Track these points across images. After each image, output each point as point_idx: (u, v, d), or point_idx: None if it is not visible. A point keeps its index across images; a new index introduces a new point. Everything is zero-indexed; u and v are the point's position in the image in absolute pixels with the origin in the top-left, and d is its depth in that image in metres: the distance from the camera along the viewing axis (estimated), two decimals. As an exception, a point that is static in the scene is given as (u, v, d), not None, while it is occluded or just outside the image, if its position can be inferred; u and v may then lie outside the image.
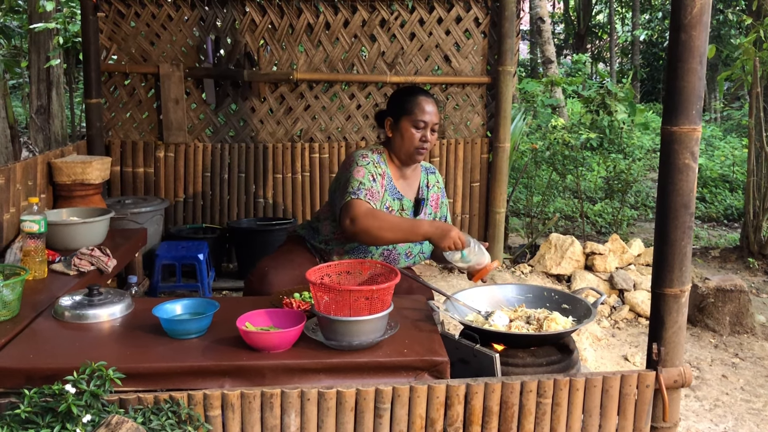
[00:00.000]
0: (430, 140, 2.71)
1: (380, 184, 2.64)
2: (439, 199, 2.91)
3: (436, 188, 2.90)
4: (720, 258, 5.23)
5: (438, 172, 2.99)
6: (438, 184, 2.92)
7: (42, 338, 2.14)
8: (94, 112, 4.41)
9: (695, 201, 2.42)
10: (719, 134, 10.64)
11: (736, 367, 3.47)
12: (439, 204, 2.91)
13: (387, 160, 2.75)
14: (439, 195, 2.90)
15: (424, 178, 2.88)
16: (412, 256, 2.80)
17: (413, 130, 2.67)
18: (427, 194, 2.86)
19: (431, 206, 2.86)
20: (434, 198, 2.88)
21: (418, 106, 2.69)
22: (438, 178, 2.94)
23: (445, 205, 2.94)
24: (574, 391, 2.00)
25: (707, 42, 1.94)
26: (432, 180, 2.90)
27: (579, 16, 18.79)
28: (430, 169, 2.94)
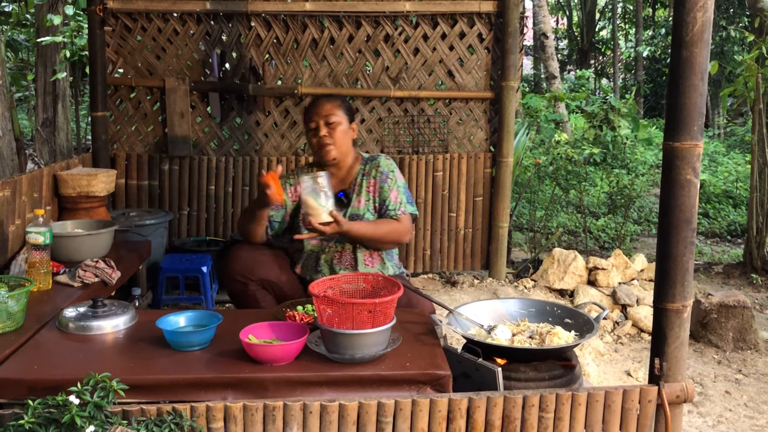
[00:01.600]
0: (326, 133, 2.84)
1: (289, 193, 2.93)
2: (378, 184, 2.90)
3: (374, 174, 2.91)
4: (723, 274, 5.22)
5: (383, 157, 2.96)
6: (378, 170, 2.91)
7: (46, 349, 2.15)
8: (100, 125, 4.44)
9: (698, 217, 2.43)
10: (722, 150, 10.65)
11: (739, 383, 3.45)
12: (379, 189, 2.89)
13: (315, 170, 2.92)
14: (377, 180, 2.90)
15: (361, 169, 2.94)
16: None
17: (310, 135, 2.90)
18: (362, 183, 2.91)
19: (368, 192, 2.90)
20: (371, 185, 2.90)
21: (306, 113, 2.92)
22: (380, 163, 2.92)
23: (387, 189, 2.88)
24: (577, 405, 2.00)
25: (708, 59, 1.96)
26: (369, 167, 2.93)
27: (582, 32, 18.89)
28: (371, 158, 2.98)
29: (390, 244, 2.89)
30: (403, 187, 2.92)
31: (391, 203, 2.87)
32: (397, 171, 2.94)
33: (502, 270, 4.77)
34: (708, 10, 1.92)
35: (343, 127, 2.88)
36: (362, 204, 2.90)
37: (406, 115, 4.64)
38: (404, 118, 4.64)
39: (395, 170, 2.93)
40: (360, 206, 2.90)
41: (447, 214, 4.74)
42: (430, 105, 4.66)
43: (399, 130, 4.66)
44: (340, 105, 2.91)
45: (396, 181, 2.90)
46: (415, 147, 4.68)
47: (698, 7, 1.91)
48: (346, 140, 2.91)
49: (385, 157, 2.97)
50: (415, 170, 4.65)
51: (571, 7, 20.32)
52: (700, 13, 1.91)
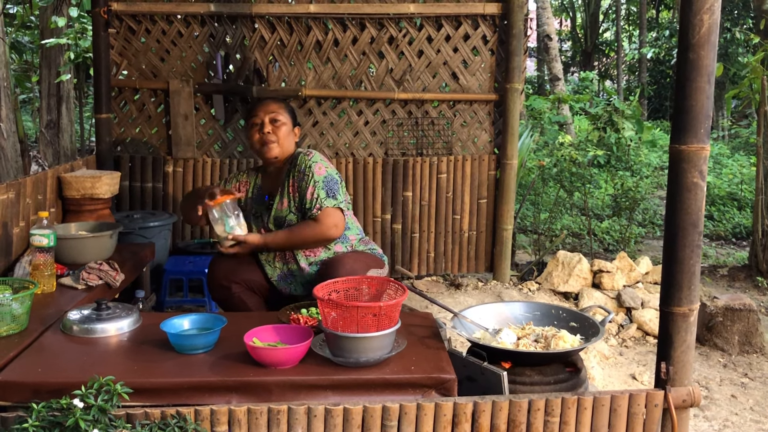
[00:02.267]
0: (269, 129, 2.83)
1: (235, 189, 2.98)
2: (296, 183, 2.81)
3: (293, 173, 2.83)
4: (728, 277, 5.20)
5: (302, 153, 2.84)
6: (296, 168, 2.82)
7: (50, 352, 2.15)
8: (104, 126, 4.45)
9: (703, 219, 2.42)
10: (727, 152, 10.62)
11: (745, 387, 3.44)
12: (297, 188, 2.81)
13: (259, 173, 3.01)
14: (296, 179, 2.81)
15: (286, 172, 2.88)
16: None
17: (252, 131, 2.88)
18: (285, 183, 2.85)
19: (290, 193, 2.83)
20: (291, 184, 2.83)
21: (252, 110, 2.92)
22: (298, 161, 2.82)
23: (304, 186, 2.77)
24: (582, 410, 1.99)
25: (715, 61, 1.95)
26: (290, 166, 2.87)
27: (586, 34, 18.86)
28: (296, 155, 2.89)
29: (314, 244, 2.81)
30: (322, 181, 2.75)
31: (307, 201, 2.76)
32: (318, 164, 2.79)
33: (507, 273, 4.76)
34: (715, 12, 1.91)
35: (287, 128, 2.87)
36: (284, 206, 2.85)
37: (410, 117, 4.63)
38: (408, 120, 4.63)
39: (313, 164, 2.78)
40: (282, 208, 2.85)
41: (451, 216, 4.73)
42: (434, 107, 4.65)
43: (403, 132, 4.65)
44: (285, 107, 2.92)
45: (312, 177, 2.76)
46: (419, 149, 4.67)
47: (705, 9, 1.90)
48: (288, 141, 2.88)
49: (305, 152, 2.85)
50: (419, 172, 4.64)
51: (575, 8, 20.31)
52: (707, 16, 1.90)
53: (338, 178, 2.83)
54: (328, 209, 2.74)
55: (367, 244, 3.00)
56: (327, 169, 2.81)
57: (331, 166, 2.85)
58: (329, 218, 2.74)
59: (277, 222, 2.86)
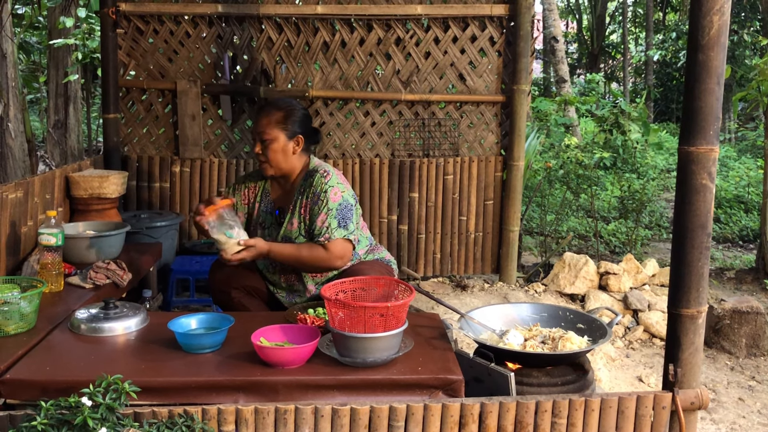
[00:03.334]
0: (259, 151, 2.73)
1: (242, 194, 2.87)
2: (309, 206, 2.71)
3: (307, 194, 2.72)
4: (735, 279, 5.18)
5: (319, 174, 2.72)
6: (311, 189, 2.71)
7: (58, 351, 2.16)
8: (112, 127, 4.46)
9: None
10: (734, 155, 10.59)
11: (752, 390, 3.42)
12: (309, 211, 2.71)
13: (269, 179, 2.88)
14: (309, 201, 2.71)
15: (300, 186, 2.77)
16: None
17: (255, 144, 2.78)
18: (298, 202, 2.75)
19: (301, 214, 2.74)
20: (304, 205, 2.72)
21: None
22: (314, 182, 2.71)
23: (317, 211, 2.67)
24: (590, 411, 1.99)
25: (725, 62, 1.95)
26: (305, 185, 2.75)
27: (592, 36, 18.84)
28: (309, 173, 2.77)
29: (316, 269, 2.71)
30: (336, 209, 2.65)
31: (317, 228, 2.65)
32: (333, 189, 2.68)
33: (513, 274, 4.76)
34: (725, 13, 1.90)
35: (277, 145, 2.71)
36: (294, 227, 2.74)
37: (416, 118, 4.64)
38: (415, 122, 4.63)
39: (329, 189, 2.67)
40: (293, 229, 2.75)
41: (457, 217, 4.72)
42: (441, 108, 4.65)
43: (410, 133, 4.65)
44: (278, 120, 2.72)
45: (327, 203, 2.65)
46: (425, 150, 4.67)
47: (715, 10, 1.90)
48: (283, 157, 2.73)
49: (322, 172, 2.72)
50: (425, 173, 4.64)
51: (582, 10, 20.29)
52: (716, 17, 1.90)
53: (353, 201, 2.73)
54: (338, 240, 2.64)
55: (374, 252, 2.94)
56: (343, 193, 2.70)
57: (348, 188, 2.75)
58: (337, 249, 2.65)
59: (285, 241, 2.76)
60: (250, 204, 2.89)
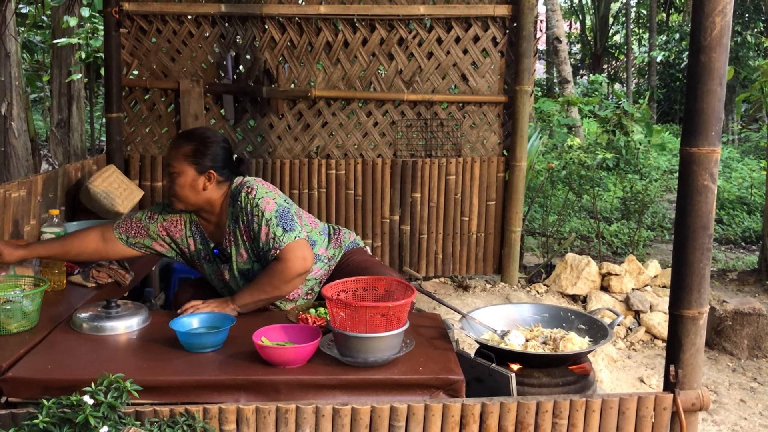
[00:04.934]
0: (167, 184, 2.56)
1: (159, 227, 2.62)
2: (246, 228, 2.48)
3: (241, 218, 2.49)
4: (738, 281, 5.18)
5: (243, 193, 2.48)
6: (243, 211, 2.47)
7: (60, 349, 2.16)
8: (115, 126, 4.47)
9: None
10: (737, 156, 10.57)
11: (754, 391, 3.42)
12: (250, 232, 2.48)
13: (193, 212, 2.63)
14: (245, 224, 2.48)
15: (230, 218, 2.53)
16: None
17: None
18: (236, 232, 2.52)
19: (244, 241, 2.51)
20: (243, 231, 2.50)
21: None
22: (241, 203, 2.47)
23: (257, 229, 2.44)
24: (590, 412, 1.99)
25: (727, 63, 1.94)
26: (234, 212, 2.51)
27: (595, 37, 18.82)
28: (234, 194, 2.52)
29: (289, 286, 2.44)
30: (275, 218, 2.43)
31: (263, 243, 2.44)
32: (264, 199, 2.46)
33: (515, 275, 4.76)
34: (727, 14, 1.90)
35: (184, 179, 2.48)
36: (245, 258, 2.54)
37: (419, 118, 4.64)
38: (417, 122, 4.64)
39: (260, 201, 2.45)
40: (243, 260, 2.54)
41: (459, 217, 4.73)
42: (444, 108, 4.65)
43: (412, 133, 4.65)
44: (186, 154, 2.49)
45: (263, 216, 2.43)
46: (428, 150, 4.67)
47: (717, 11, 1.89)
48: (191, 192, 2.49)
49: (246, 190, 2.48)
50: (427, 174, 4.64)
51: (585, 11, 20.26)
52: (719, 18, 1.89)
53: (287, 205, 2.51)
54: (290, 245, 2.41)
55: (338, 243, 2.77)
56: (275, 200, 2.47)
57: (278, 194, 2.52)
58: (294, 252, 2.41)
59: (244, 276, 2.56)
60: (176, 240, 2.64)
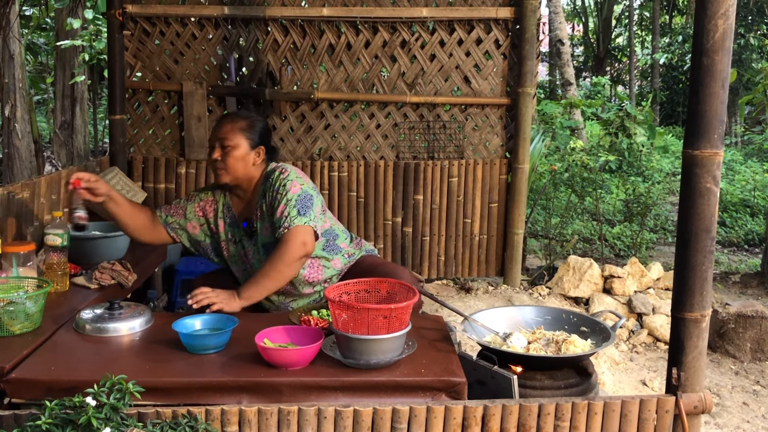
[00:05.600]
0: (217, 156, 2.64)
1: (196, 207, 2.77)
2: (270, 204, 2.61)
3: (268, 195, 2.62)
4: (740, 283, 5.17)
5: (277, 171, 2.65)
6: (271, 188, 2.62)
7: (63, 350, 2.17)
8: (118, 128, 4.48)
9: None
10: (740, 158, 10.55)
11: (757, 394, 3.41)
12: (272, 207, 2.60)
13: (228, 192, 2.78)
14: (270, 200, 2.61)
15: (261, 193, 2.67)
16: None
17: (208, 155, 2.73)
18: (263, 206, 2.64)
19: (268, 216, 2.64)
20: (268, 205, 2.63)
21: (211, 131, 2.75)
22: (271, 180, 2.63)
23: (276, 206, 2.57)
24: (593, 415, 1.99)
25: (729, 66, 1.95)
26: (264, 188, 2.66)
27: (598, 39, 18.82)
28: (269, 173, 2.68)
29: (292, 269, 2.52)
30: (295, 199, 2.54)
31: (276, 219, 2.55)
32: (293, 182, 2.59)
33: (517, 277, 4.75)
34: (730, 17, 1.90)
35: (239, 152, 2.63)
36: (269, 231, 2.63)
37: (421, 120, 4.64)
38: (420, 124, 4.64)
39: (288, 182, 2.58)
40: (268, 234, 2.64)
41: (462, 220, 4.73)
42: (446, 111, 4.66)
43: (414, 135, 4.66)
44: (241, 127, 2.65)
45: (286, 195, 2.55)
46: (430, 153, 4.67)
47: (720, 14, 1.90)
48: (242, 165, 2.64)
49: (280, 170, 2.65)
50: (430, 176, 4.64)
51: (588, 13, 20.27)
52: (721, 21, 1.90)
53: (314, 193, 2.63)
54: (298, 227, 2.50)
55: (359, 245, 2.89)
56: (303, 186, 2.60)
57: (307, 182, 2.65)
58: (296, 236, 2.49)
59: (267, 251, 2.63)
60: (209, 219, 2.78)
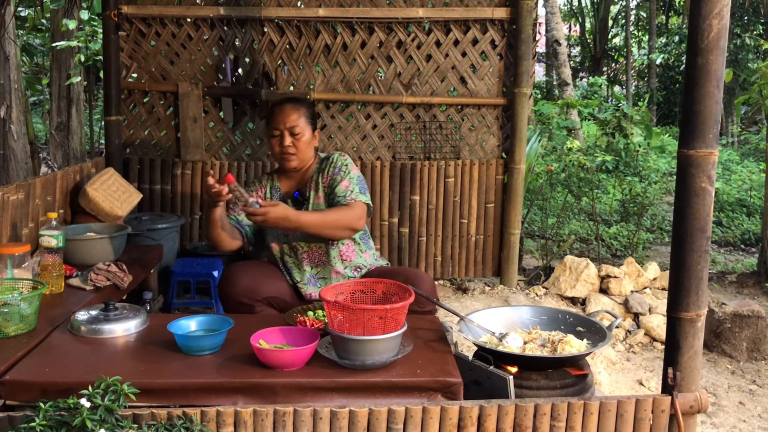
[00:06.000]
0: (290, 143, 2.84)
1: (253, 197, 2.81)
2: (330, 177, 2.90)
3: (328, 171, 2.91)
4: (737, 283, 5.18)
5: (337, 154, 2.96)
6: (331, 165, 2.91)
7: (58, 352, 2.16)
8: (114, 129, 4.47)
9: (712, 225, 2.42)
10: (736, 158, 10.57)
11: (753, 394, 3.42)
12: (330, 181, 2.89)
13: (275, 175, 3.02)
14: (330, 174, 2.90)
15: (316, 168, 2.95)
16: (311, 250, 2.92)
17: (272, 140, 2.89)
18: (318, 180, 2.91)
19: (324, 187, 2.90)
20: (326, 179, 2.91)
21: (271, 116, 2.91)
22: (333, 160, 2.93)
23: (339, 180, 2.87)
24: (589, 414, 1.99)
25: (724, 66, 1.95)
26: (324, 165, 2.94)
27: (595, 39, 18.84)
28: (326, 157, 2.98)
29: (342, 230, 2.79)
30: (356, 179, 2.88)
31: (341, 191, 2.84)
32: (352, 165, 2.93)
33: (514, 277, 4.75)
34: (724, 17, 1.90)
35: (306, 138, 2.88)
36: (321, 200, 2.91)
37: (418, 121, 4.64)
38: (416, 124, 4.64)
39: (349, 164, 2.92)
40: (320, 202, 2.91)
41: (458, 220, 4.73)
42: (442, 111, 4.66)
43: (411, 136, 4.66)
44: (304, 114, 2.89)
45: (349, 173, 2.89)
46: (426, 153, 4.67)
47: (714, 14, 1.90)
48: (308, 150, 2.92)
49: (340, 154, 2.97)
50: (426, 176, 4.64)
51: (584, 14, 20.29)
52: (716, 21, 1.90)
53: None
54: (359, 202, 2.82)
55: (381, 256, 3.12)
56: (358, 172, 2.95)
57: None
58: (357, 208, 2.80)
59: None
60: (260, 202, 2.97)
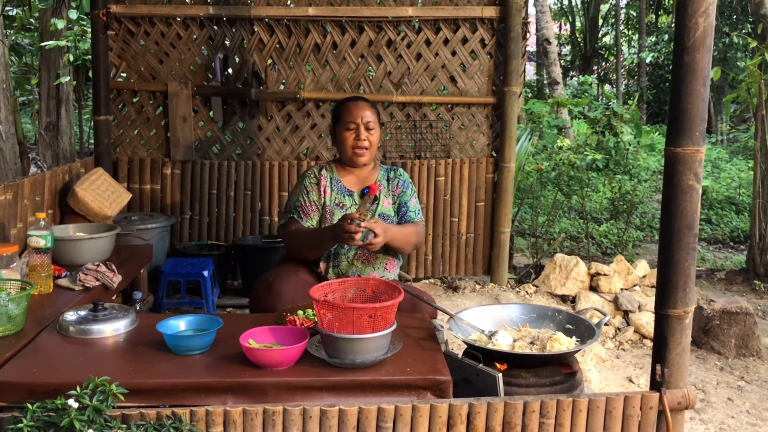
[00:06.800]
0: (365, 137, 2.91)
1: (316, 192, 2.94)
2: (400, 189, 3.01)
3: (397, 181, 3.02)
4: (726, 280, 5.21)
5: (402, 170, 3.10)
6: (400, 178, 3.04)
7: (46, 353, 2.15)
8: (103, 128, 4.45)
9: (701, 223, 2.43)
10: (725, 156, 10.63)
11: (741, 390, 3.44)
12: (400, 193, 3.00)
13: (334, 167, 3.03)
14: (400, 186, 3.01)
15: (384, 174, 3.04)
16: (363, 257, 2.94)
17: (346, 133, 2.92)
18: (388, 186, 3.01)
19: (393, 195, 3.00)
20: (395, 189, 3.01)
21: (346, 110, 2.95)
22: (401, 173, 3.07)
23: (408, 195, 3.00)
24: (577, 412, 1.99)
25: (710, 64, 1.96)
26: (393, 175, 3.05)
27: (585, 38, 18.90)
28: (392, 168, 3.10)
29: (412, 246, 2.96)
30: (417, 198, 3.06)
31: (412, 208, 2.98)
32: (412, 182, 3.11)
33: (504, 275, 4.77)
34: (710, 15, 1.92)
35: (377, 134, 2.98)
36: (389, 206, 2.98)
37: (408, 120, 4.64)
38: (406, 123, 4.64)
39: (411, 181, 3.08)
40: (389, 207, 2.98)
41: (449, 219, 4.73)
42: (433, 110, 4.66)
43: (401, 135, 4.66)
44: (376, 112, 3.01)
45: (414, 192, 3.05)
46: (417, 152, 4.68)
47: (700, 12, 1.91)
48: (375, 149, 3.03)
49: (403, 169, 3.12)
50: (417, 175, 4.65)
51: (575, 13, 20.34)
52: (702, 19, 1.91)
53: None
54: (422, 223, 3.01)
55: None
56: None
57: None
58: (423, 230, 2.99)
59: (382, 219, 2.92)
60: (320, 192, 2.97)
